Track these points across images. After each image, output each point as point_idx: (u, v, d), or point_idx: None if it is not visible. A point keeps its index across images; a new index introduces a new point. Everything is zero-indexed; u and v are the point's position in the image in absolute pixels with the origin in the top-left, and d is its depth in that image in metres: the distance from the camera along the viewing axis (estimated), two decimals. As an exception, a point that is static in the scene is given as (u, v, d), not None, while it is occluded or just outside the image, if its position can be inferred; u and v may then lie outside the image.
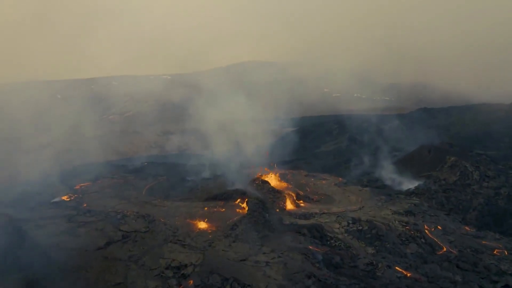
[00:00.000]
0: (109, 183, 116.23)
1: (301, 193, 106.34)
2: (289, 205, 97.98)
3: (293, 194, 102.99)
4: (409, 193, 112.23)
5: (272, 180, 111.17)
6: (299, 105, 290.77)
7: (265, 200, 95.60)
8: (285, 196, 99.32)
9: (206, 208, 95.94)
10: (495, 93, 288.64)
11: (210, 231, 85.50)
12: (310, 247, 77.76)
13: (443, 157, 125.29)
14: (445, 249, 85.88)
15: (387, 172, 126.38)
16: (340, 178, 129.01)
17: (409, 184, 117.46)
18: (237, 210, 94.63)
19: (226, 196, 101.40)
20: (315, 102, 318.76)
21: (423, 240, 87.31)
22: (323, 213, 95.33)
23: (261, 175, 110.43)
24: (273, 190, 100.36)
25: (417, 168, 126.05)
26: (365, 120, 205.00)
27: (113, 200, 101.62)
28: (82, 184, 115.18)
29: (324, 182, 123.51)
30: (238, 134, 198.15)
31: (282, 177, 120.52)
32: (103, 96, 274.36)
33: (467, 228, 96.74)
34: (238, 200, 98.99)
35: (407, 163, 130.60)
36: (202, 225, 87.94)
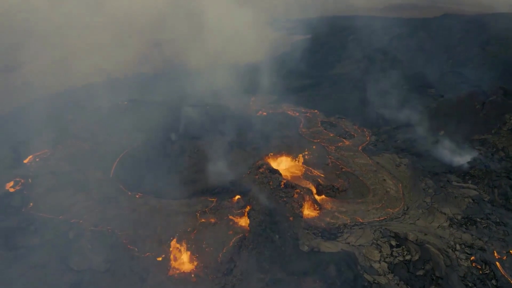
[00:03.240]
0: (70, 151, 79.97)
1: (322, 182, 69.53)
2: (308, 209, 63.09)
3: (312, 187, 66.62)
4: (462, 173, 75.33)
5: (283, 162, 73.61)
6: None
7: (273, 207, 59.44)
8: (301, 194, 62.57)
9: (191, 218, 59.37)
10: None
11: (194, 278, 50.77)
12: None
13: (500, 114, 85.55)
14: (526, 298, 52.50)
15: (427, 129, 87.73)
16: (367, 135, 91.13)
17: (459, 153, 79.91)
18: (234, 220, 59.10)
19: (219, 191, 65.18)
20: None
21: (494, 282, 53.33)
22: (355, 224, 59.67)
23: (267, 157, 72.47)
24: (285, 185, 63.60)
25: (467, 126, 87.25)
26: (384, 29, 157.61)
27: (68, 192, 65.99)
28: (36, 154, 77.69)
29: (348, 143, 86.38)
30: (240, 48, 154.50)
31: (293, 145, 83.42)
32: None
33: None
34: (237, 197, 62.85)
35: (452, 116, 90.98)
36: (184, 260, 52.94)
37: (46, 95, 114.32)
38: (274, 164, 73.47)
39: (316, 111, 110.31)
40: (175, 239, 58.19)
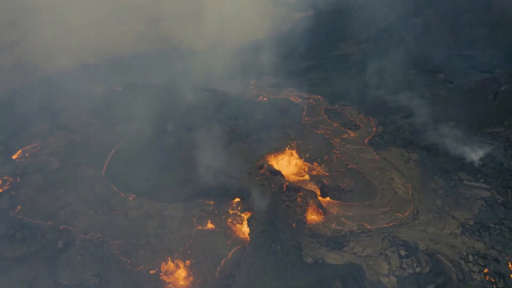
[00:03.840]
0: (61, 145, 74.26)
1: (327, 182, 64.06)
2: (312, 214, 57.55)
3: (316, 189, 61.31)
4: (474, 171, 70.34)
5: (285, 160, 67.85)
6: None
7: (275, 213, 54.19)
8: (304, 197, 57.20)
9: (187, 225, 54.31)
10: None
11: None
12: None
13: (513, 106, 79.65)
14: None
15: (436, 119, 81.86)
16: (373, 126, 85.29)
17: (470, 147, 74.17)
18: (233, 228, 54.03)
19: (217, 193, 59.72)
20: None
21: (509, 294, 49.16)
22: (362, 231, 54.69)
23: (268, 156, 66.76)
24: (288, 187, 58.21)
25: (479, 118, 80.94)
26: (389, 6, 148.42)
27: (58, 193, 60.84)
28: (26, 148, 72.00)
29: (353, 134, 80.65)
30: (240, 25, 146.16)
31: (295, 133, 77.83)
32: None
33: None
34: (236, 200, 57.53)
35: (463, 106, 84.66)
36: (179, 275, 48.13)
37: (36, 79, 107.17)
38: (275, 162, 67.46)
39: (319, 97, 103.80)
40: (169, 250, 52.89)
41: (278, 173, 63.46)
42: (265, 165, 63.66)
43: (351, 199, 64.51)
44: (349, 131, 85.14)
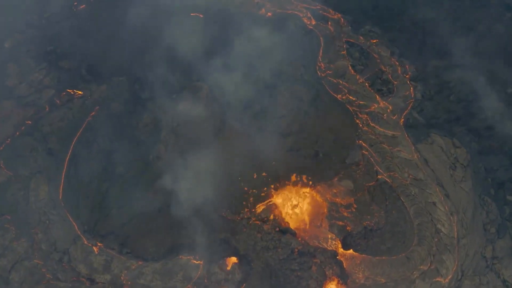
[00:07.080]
0: (8, 133, 52.75)
1: (350, 226, 41.78)
2: (330, 285, 36.69)
3: (336, 243, 39.11)
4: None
5: (296, 193, 43.06)
6: None
7: None
8: (321, 265, 36.11)
9: None
10: None
11: None
12: None
13: None
14: None
15: (489, 75, 54.10)
16: (410, 85, 59.34)
17: None
18: None
19: (207, 248, 38.81)
20: None
21: None
22: None
23: (275, 204, 41.63)
24: (300, 253, 36.81)
25: None
26: None
27: (7, 237, 40.67)
28: None
29: (383, 104, 55.58)
30: None
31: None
32: None
33: None
34: (232, 261, 37.37)
35: None
36: None
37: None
38: (281, 200, 41.71)
39: (339, 16, 67.44)
40: None
41: (287, 231, 39.32)
42: (271, 221, 38.29)
43: (380, 247, 42.08)
44: (378, 98, 54.62)
